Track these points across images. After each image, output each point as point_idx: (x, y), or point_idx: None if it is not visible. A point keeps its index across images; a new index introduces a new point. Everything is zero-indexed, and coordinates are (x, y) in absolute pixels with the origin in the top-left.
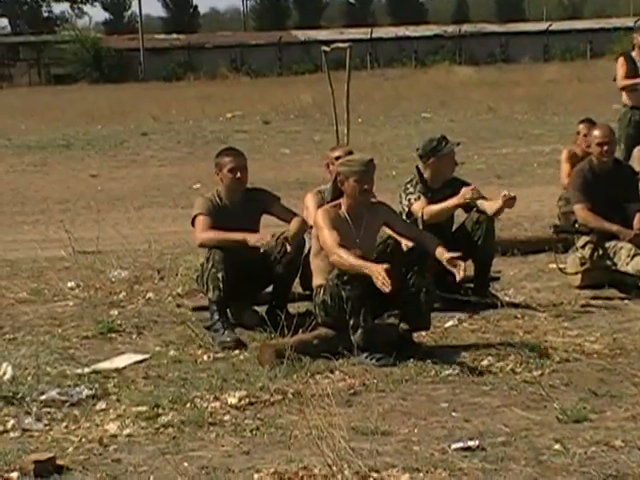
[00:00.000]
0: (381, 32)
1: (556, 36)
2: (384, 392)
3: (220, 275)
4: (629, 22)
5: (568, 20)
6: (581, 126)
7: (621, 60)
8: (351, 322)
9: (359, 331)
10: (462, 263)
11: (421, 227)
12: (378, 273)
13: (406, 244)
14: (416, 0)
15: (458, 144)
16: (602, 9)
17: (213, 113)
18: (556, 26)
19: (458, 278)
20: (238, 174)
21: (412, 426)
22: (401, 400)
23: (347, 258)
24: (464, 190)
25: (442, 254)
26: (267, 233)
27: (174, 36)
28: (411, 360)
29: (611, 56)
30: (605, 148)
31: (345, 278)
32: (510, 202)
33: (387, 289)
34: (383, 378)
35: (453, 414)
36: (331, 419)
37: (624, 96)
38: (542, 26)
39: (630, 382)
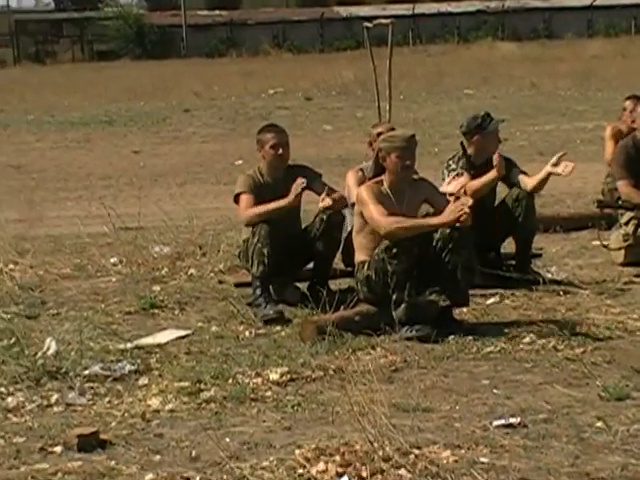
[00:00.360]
0: (423, 8)
1: (600, 11)
2: (425, 369)
3: (265, 250)
4: None
5: None
6: (627, 102)
7: None
8: (394, 297)
9: (402, 306)
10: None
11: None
12: (454, 209)
13: None
14: None
15: (502, 121)
16: None
17: (255, 89)
18: (600, 1)
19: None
20: (280, 150)
21: (453, 403)
22: (442, 377)
23: (404, 222)
24: (494, 158)
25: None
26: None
27: (216, 12)
28: (452, 337)
29: None
30: None
31: (394, 251)
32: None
33: (469, 221)
34: (424, 355)
35: (494, 391)
36: (372, 395)
37: None
38: (586, 1)
39: None
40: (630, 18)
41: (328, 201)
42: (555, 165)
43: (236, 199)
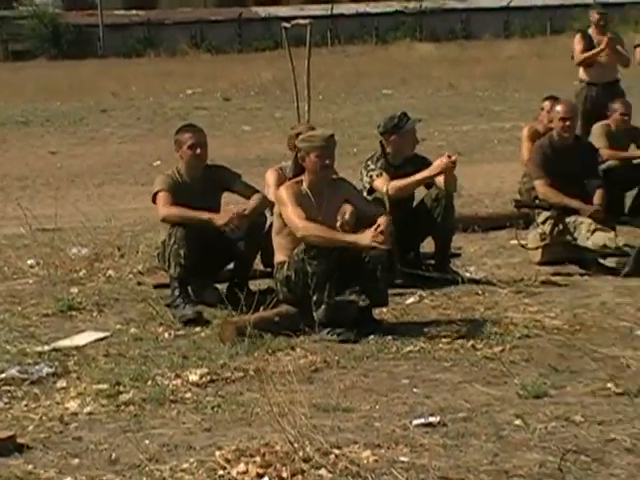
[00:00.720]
0: (342, 8)
1: (516, 13)
2: (345, 369)
3: (182, 252)
4: None
5: None
6: (546, 103)
7: (578, 37)
8: (314, 298)
9: (322, 307)
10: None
11: (387, 202)
12: (372, 235)
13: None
14: None
15: (419, 121)
16: None
17: (173, 90)
18: (516, 2)
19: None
20: (198, 150)
21: (373, 402)
22: (362, 377)
23: (322, 232)
24: (438, 162)
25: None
26: (232, 214)
27: (133, 12)
28: (372, 337)
29: (571, 33)
30: (567, 123)
31: (312, 253)
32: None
33: (388, 244)
34: (344, 355)
35: (414, 390)
36: (292, 396)
37: (581, 72)
38: (503, 2)
39: (590, 357)
40: (545, 19)
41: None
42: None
43: (154, 197)
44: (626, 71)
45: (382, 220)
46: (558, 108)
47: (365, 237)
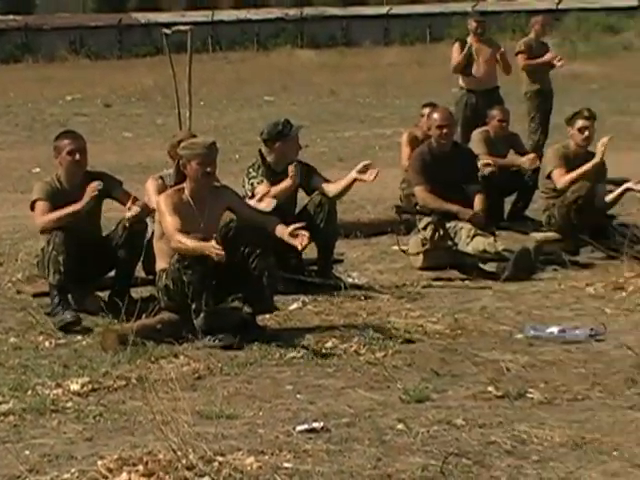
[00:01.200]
0: (222, 15)
1: (396, 20)
2: (229, 375)
3: (61, 258)
4: (467, 7)
5: (408, 4)
6: (425, 109)
7: (456, 45)
8: (193, 306)
9: (201, 315)
10: (305, 233)
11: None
12: (209, 248)
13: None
14: None
15: (302, 127)
16: None
17: (52, 96)
18: (396, 10)
19: (300, 247)
20: (77, 156)
21: (257, 409)
22: (246, 383)
23: (185, 242)
24: (289, 169)
25: (283, 231)
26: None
27: (10, 17)
28: (255, 343)
29: (450, 40)
30: (444, 131)
31: (186, 262)
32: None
33: (221, 256)
34: (228, 362)
35: (298, 396)
36: (175, 404)
37: (460, 80)
38: (382, 10)
39: (471, 361)
40: (425, 27)
41: (136, 209)
42: (361, 172)
43: (32, 206)
44: (504, 78)
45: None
46: (435, 116)
47: (207, 245)
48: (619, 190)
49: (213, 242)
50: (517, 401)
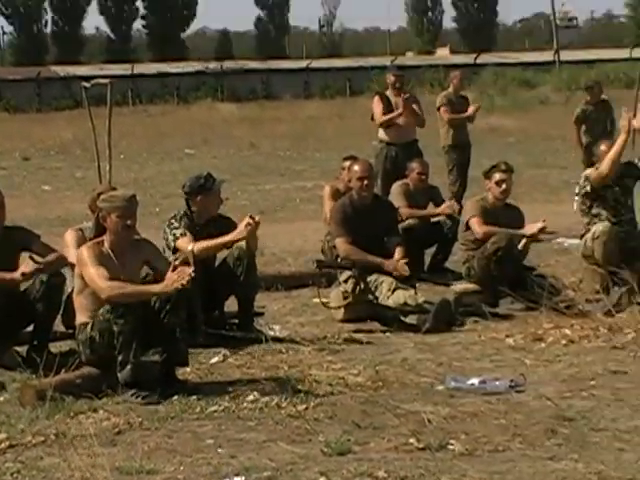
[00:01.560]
0: (142, 68)
1: (316, 73)
2: (149, 430)
3: None
4: (386, 61)
5: (328, 58)
6: (346, 162)
7: (377, 99)
8: (120, 358)
9: (127, 367)
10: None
11: (192, 262)
12: (177, 278)
13: None
14: (177, 36)
15: (224, 181)
16: (360, 47)
17: None
18: (316, 64)
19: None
20: None
21: (177, 464)
22: (166, 438)
23: (125, 288)
24: (242, 227)
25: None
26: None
27: None
28: (176, 397)
29: (369, 94)
30: (365, 182)
31: (120, 311)
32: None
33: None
34: (148, 416)
35: (219, 450)
36: (94, 460)
37: (380, 132)
38: (302, 64)
39: (392, 413)
40: (345, 80)
41: (31, 265)
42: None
43: None
44: (422, 131)
45: (185, 268)
46: (355, 168)
47: (167, 285)
48: (524, 241)
49: (176, 275)
50: (438, 453)
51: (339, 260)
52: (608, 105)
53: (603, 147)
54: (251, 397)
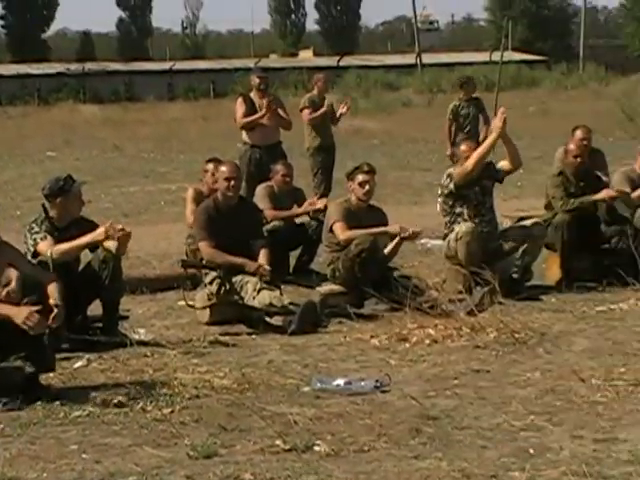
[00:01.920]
0: (1, 69)
1: (180, 75)
2: (11, 437)
3: None
4: (250, 63)
5: (191, 60)
6: (209, 165)
7: (240, 100)
8: None
9: None
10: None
11: (51, 266)
12: (24, 316)
13: None
14: (37, 37)
15: (84, 183)
16: (223, 49)
17: None
18: (179, 65)
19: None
20: None
21: (40, 470)
22: (29, 444)
23: None
24: (102, 229)
25: (52, 293)
26: None
27: None
28: (39, 403)
29: (234, 96)
30: (232, 183)
31: None
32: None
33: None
34: (10, 422)
35: (83, 456)
36: None
37: (244, 135)
38: (166, 65)
39: (258, 415)
40: (209, 82)
41: None
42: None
43: None
44: (287, 133)
45: (51, 301)
46: (223, 169)
47: (19, 316)
48: (395, 241)
49: (26, 311)
50: (304, 454)
51: (204, 261)
52: (480, 103)
53: (463, 147)
54: (116, 401)
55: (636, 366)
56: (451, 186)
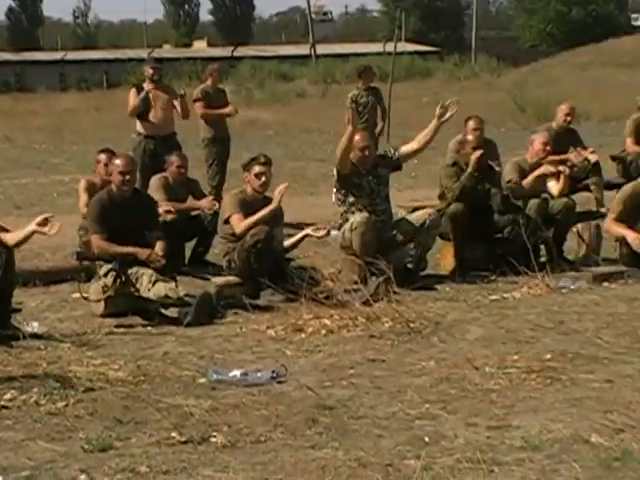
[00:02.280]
0: None
1: (72, 65)
2: None
3: None
4: (143, 53)
5: (83, 50)
6: (102, 156)
7: (133, 91)
8: None
9: None
10: None
11: None
12: None
13: None
14: None
15: None
16: (116, 39)
17: None
18: (71, 55)
19: None
20: None
21: None
22: None
23: None
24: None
25: None
26: None
27: None
28: None
29: (127, 86)
30: (127, 177)
31: None
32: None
33: None
34: None
35: None
36: None
37: (138, 125)
38: (57, 55)
39: (154, 408)
40: (101, 72)
41: None
42: (41, 225)
43: None
44: (181, 124)
45: None
46: (117, 162)
47: None
48: (299, 235)
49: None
50: (201, 446)
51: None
52: (378, 92)
53: (357, 137)
54: (8, 395)
55: (528, 354)
56: (335, 173)
